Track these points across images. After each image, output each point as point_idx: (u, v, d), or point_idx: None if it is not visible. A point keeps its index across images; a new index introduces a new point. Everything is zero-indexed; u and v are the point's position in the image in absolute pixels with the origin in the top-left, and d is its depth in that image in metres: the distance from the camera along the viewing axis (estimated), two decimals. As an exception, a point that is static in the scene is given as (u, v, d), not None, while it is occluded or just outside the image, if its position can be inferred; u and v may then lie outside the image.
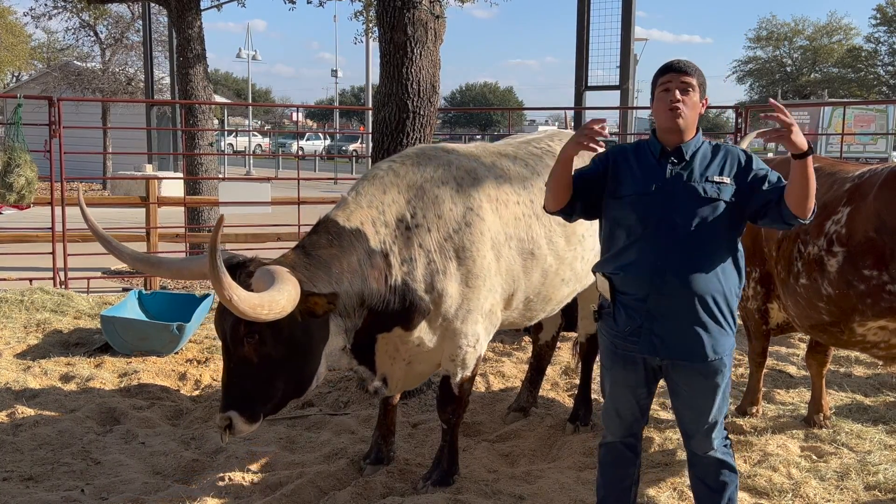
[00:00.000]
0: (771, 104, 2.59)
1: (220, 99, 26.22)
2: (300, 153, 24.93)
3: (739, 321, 3.69)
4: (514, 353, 6.32)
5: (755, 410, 4.92)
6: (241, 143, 39.91)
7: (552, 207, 3.06)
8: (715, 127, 42.26)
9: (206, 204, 11.01)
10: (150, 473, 4.05)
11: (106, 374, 5.48)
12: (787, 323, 4.66)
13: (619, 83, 13.23)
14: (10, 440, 4.34)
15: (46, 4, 22.34)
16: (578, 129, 2.84)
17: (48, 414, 4.72)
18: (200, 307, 6.40)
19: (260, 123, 53.17)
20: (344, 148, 39.50)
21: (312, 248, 3.39)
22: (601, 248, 3.13)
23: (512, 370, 5.84)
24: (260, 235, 9.48)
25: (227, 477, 3.91)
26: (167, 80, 21.39)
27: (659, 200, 2.87)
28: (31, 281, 8.08)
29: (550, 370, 5.54)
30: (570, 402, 5.15)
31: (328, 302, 3.14)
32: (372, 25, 14.43)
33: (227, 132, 34.32)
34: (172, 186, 16.40)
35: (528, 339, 6.22)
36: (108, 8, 22.40)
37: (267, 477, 3.97)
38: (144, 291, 6.83)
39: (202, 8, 11.75)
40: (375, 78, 11.59)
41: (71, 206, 8.28)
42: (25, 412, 4.70)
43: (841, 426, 4.64)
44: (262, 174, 24.83)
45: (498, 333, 4.39)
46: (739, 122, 9.63)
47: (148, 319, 6.28)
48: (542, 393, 5.21)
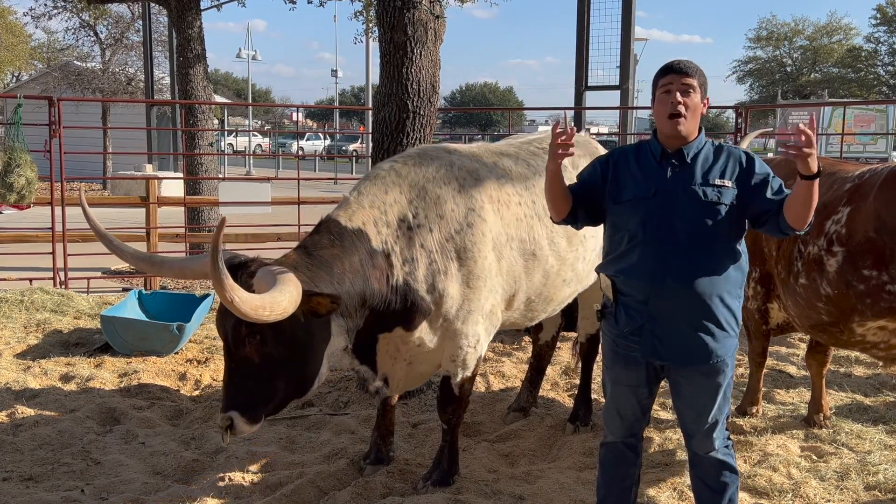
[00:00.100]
0: (799, 129, 2.57)
1: (220, 99, 26.25)
2: (300, 153, 24.93)
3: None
4: (514, 353, 6.32)
5: (755, 410, 4.92)
6: (241, 143, 39.91)
7: (556, 218, 3.11)
8: (715, 127, 42.21)
9: (206, 204, 11.01)
10: (150, 473, 4.05)
11: (106, 374, 5.47)
12: (787, 323, 4.66)
13: (619, 83, 13.24)
14: (10, 440, 4.34)
15: (46, 4, 22.36)
16: (550, 143, 2.88)
17: (48, 414, 4.72)
18: (200, 307, 6.40)
19: (260, 123, 53.17)
20: (344, 148, 39.46)
21: (314, 248, 3.38)
22: (604, 248, 3.14)
23: (512, 370, 5.84)
24: (260, 235, 9.48)
25: (227, 477, 3.90)
26: (167, 80, 21.38)
27: (659, 204, 2.87)
28: (31, 281, 8.07)
29: (550, 370, 5.54)
30: (570, 402, 5.16)
31: (331, 302, 3.13)
32: (372, 25, 14.42)
33: (227, 132, 34.31)
34: (172, 186, 16.40)
35: (528, 339, 6.22)
36: (108, 8, 22.38)
37: (267, 477, 3.97)
38: (144, 291, 6.83)
39: (202, 8, 11.75)
40: (375, 78, 11.57)
41: (71, 206, 8.28)
42: (25, 412, 4.70)
43: (841, 426, 4.65)
44: (262, 174, 24.80)
45: (498, 333, 4.39)
46: (739, 122, 9.62)
47: (148, 319, 6.28)
48: (542, 393, 5.21)
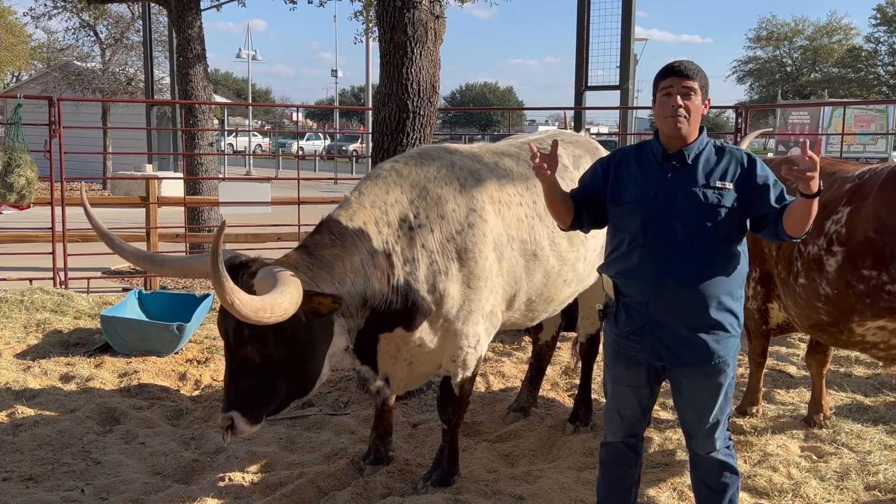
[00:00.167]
0: (805, 153, 2.58)
1: (220, 99, 26.24)
2: (300, 153, 24.93)
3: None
4: (514, 353, 6.31)
5: (755, 410, 4.92)
6: (241, 143, 39.91)
7: (562, 227, 3.14)
8: (715, 127, 42.15)
9: (206, 204, 11.02)
10: (150, 473, 4.05)
11: (106, 374, 5.47)
12: (787, 323, 4.66)
13: (619, 83, 13.25)
14: (10, 440, 4.33)
15: (46, 4, 22.38)
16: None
17: (48, 414, 4.72)
18: (200, 307, 6.40)
19: (260, 123, 53.17)
20: (344, 148, 39.45)
21: (315, 247, 3.38)
22: (606, 249, 3.14)
23: (512, 370, 5.84)
24: (260, 235, 9.48)
25: (227, 477, 3.90)
26: (167, 80, 21.38)
27: (659, 206, 2.87)
28: (31, 281, 8.07)
29: (550, 370, 5.54)
30: (570, 402, 5.15)
31: (333, 301, 3.12)
32: (372, 25, 14.42)
33: (227, 132, 34.31)
34: (172, 186, 16.40)
35: (528, 339, 6.22)
36: (108, 8, 22.38)
37: (267, 477, 3.97)
38: (144, 291, 6.83)
39: (202, 8, 11.77)
40: (375, 78, 11.58)
41: (71, 206, 8.29)
42: (25, 412, 4.70)
43: (841, 426, 4.65)
44: (262, 174, 24.80)
45: (498, 333, 4.38)
46: (739, 122, 9.62)
47: (148, 319, 6.28)
48: (542, 393, 5.21)
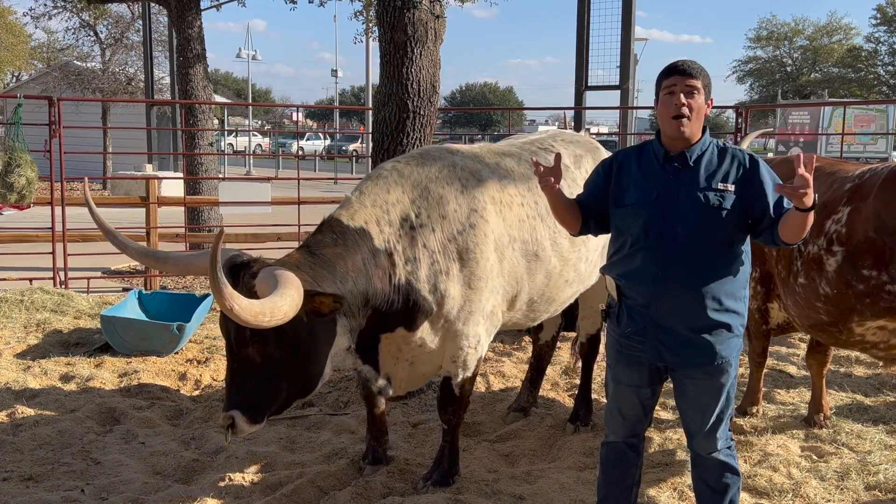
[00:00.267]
0: (799, 174, 2.57)
1: (220, 99, 26.24)
2: (300, 153, 24.91)
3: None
4: (514, 353, 6.31)
5: (755, 410, 4.92)
6: (241, 143, 39.91)
7: (571, 233, 3.17)
8: (715, 127, 42.12)
9: (206, 204, 11.02)
10: (150, 473, 4.05)
11: (106, 374, 5.47)
12: (787, 323, 4.66)
13: (619, 83, 13.25)
14: (10, 440, 4.33)
15: (46, 4, 22.39)
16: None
17: (48, 414, 4.72)
18: (200, 307, 6.40)
19: (260, 123, 53.17)
20: (344, 148, 39.46)
21: (317, 247, 3.38)
22: (608, 250, 3.13)
23: (512, 370, 5.84)
24: (260, 235, 9.48)
25: (227, 477, 3.91)
26: (167, 80, 21.39)
27: (661, 209, 2.86)
28: (31, 281, 8.07)
29: (550, 370, 5.54)
30: (570, 402, 5.15)
31: (334, 301, 3.11)
32: (372, 25, 14.42)
33: (227, 132, 34.31)
34: (172, 186, 16.40)
35: (528, 339, 6.22)
36: (108, 8, 22.38)
37: (267, 477, 3.96)
38: (144, 291, 6.83)
39: (202, 8, 11.77)
40: (375, 78, 11.58)
41: (71, 206, 8.29)
42: (25, 412, 4.70)
43: (841, 426, 4.64)
44: (262, 174, 24.79)
45: (499, 333, 4.38)
46: (739, 121, 9.62)
47: (148, 319, 6.28)
48: (542, 393, 5.20)
